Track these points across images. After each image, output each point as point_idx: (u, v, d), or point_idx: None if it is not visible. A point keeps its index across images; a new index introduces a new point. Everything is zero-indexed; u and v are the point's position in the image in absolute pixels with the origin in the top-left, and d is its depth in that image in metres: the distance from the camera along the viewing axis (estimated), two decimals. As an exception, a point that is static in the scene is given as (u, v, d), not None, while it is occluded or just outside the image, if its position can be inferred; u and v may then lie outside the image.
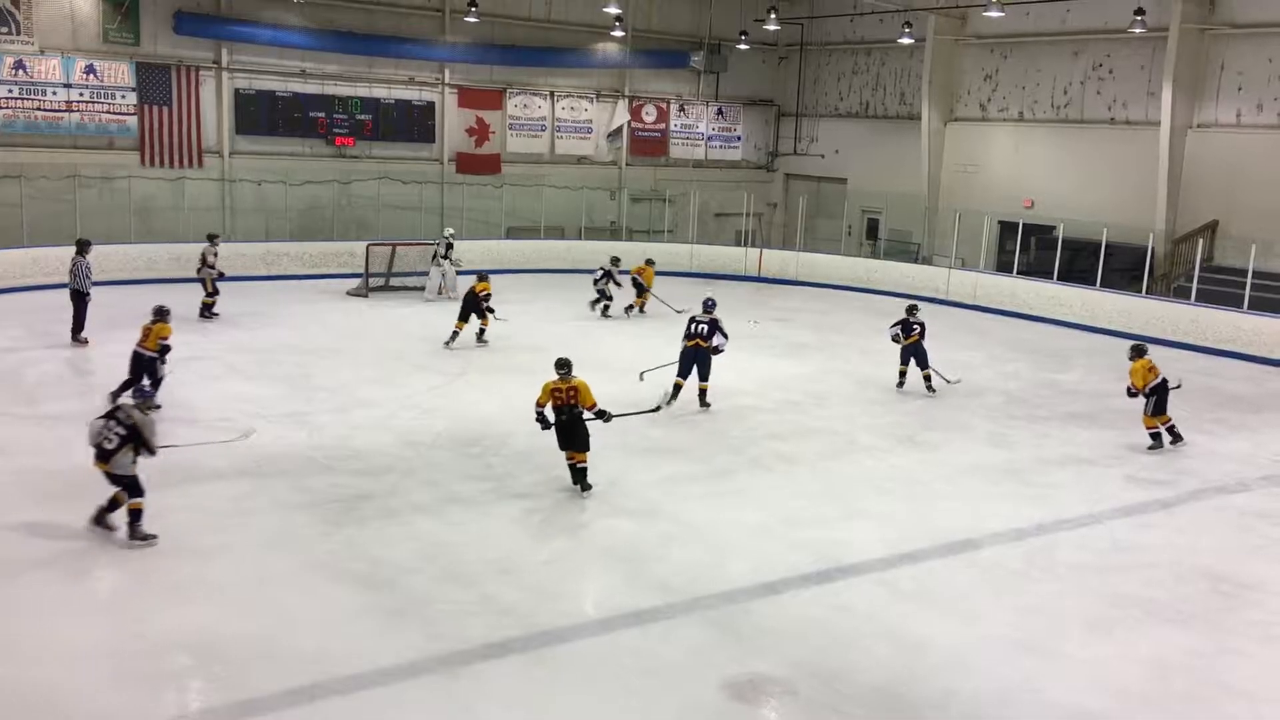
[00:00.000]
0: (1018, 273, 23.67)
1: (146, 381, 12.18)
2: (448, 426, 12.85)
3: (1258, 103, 21.63)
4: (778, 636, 7.86)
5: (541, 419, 10.68)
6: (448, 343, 17.01)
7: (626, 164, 30.11)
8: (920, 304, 16.78)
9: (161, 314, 12.97)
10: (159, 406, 11.44)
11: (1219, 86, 22.22)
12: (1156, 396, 13.10)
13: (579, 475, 10.75)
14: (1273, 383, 17.44)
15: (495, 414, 13.48)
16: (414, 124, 26.78)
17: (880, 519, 10.39)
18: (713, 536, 9.76)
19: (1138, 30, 21.81)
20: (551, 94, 28.66)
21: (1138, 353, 13.31)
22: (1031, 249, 24.32)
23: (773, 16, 25.80)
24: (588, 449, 10.78)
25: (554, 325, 19.73)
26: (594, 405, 10.69)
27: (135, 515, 8.95)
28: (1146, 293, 21.64)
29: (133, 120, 23.17)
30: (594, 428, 10.85)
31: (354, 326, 19.00)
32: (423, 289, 22.19)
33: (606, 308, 20.93)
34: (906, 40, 26.02)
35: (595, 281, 21.06)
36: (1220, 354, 19.38)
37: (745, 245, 27.90)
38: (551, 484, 10.98)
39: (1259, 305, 19.59)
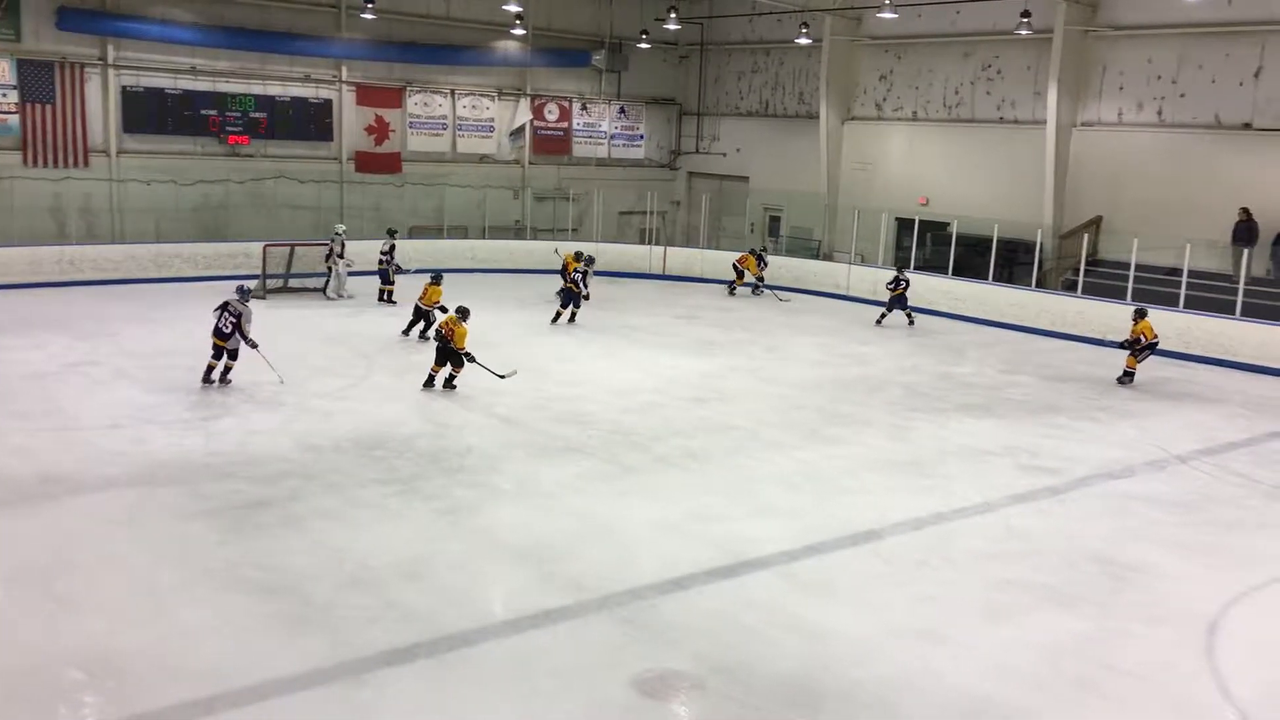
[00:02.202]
0: (915, 268, 24.20)
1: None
2: (350, 429, 12.64)
3: (1138, 102, 22.48)
4: (686, 632, 7.92)
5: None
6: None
7: (530, 163, 30.00)
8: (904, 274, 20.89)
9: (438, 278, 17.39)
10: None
11: (1101, 86, 23.04)
12: (1147, 350, 16.80)
13: (446, 380, 14.37)
14: (1156, 371, 18.12)
15: (400, 416, 13.31)
16: (311, 122, 26.28)
17: (785, 513, 10.53)
18: (621, 534, 9.79)
19: (1024, 32, 22.52)
20: (452, 92, 28.40)
21: (1140, 314, 17.07)
22: (927, 245, 24.93)
23: (673, 16, 25.96)
24: (443, 365, 14.29)
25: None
26: (462, 347, 14.12)
27: (228, 370, 14.21)
28: (1036, 286, 22.37)
29: (14, 119, 22.30)
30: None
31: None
32: (323, 290, 21.80)
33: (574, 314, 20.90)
34: (804, 41, 26.41)
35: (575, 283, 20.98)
36: (1105, 344, 20.07)
37: (650, 243, 28.01)
38: (459, 485, 10.89)
39: (1140, 297, 20.34)
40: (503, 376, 14.65)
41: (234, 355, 14.21)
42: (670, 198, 31.97)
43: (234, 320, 14.02)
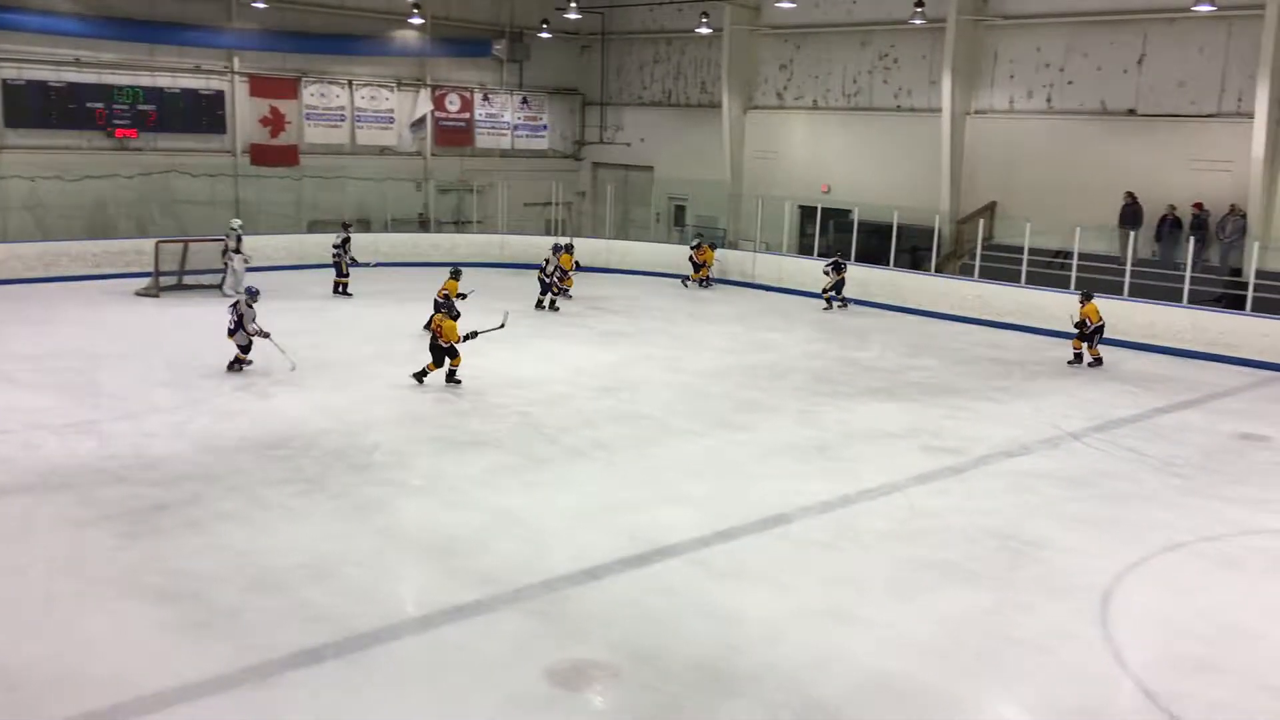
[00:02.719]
0: (818, 255, 24.55)
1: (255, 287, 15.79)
2: (252, 429, 12.35)
3: (1028, 90, 23.12)
4: (599, 621, 7.93)
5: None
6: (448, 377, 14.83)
7: (432, 154, 29.63)
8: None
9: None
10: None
11: (994, 75, 23.64)
12: (1097, 332, 17.21)
13: (448, 375, 14.53)
14: (1050, 351, 18.72)
15: (304, 414, 13.06)
16: (202, 114, 25.57)
17: (696, 500, 10.60)
18: (532, 526, 9.76)
19: (918, 22, 23.00)
20: (350, 83, 27.90)
21: (1087, 297, 17.53)
22: (830, 232, 25.32)
23: (573, 5, 25.90)
24: (440, 363, 14.44)
25: (363, 321, 19.27)
26: (448, 340, 14.28)
27: (238, 361, 14.93)
28: (936, 271, 22.89)
29: (-115, 115, 21.28)
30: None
31: (144, 328, 18.03)
32: (219, 286, 21.26)
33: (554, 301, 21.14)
34: (704, 30, 26.56)
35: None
36: (1002, 326, 20.69)
37: (556, 234, 27.90)
38: (366, 482, 10.73)
39: (1034, 280, 21.01)
40: (501, 325, 15.32)
41: (245, 350, 14.97)
42: (575, 188, 31.88)
43: (237, 319, 14.78)
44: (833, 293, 22.42)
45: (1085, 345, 17.50)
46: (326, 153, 27.51)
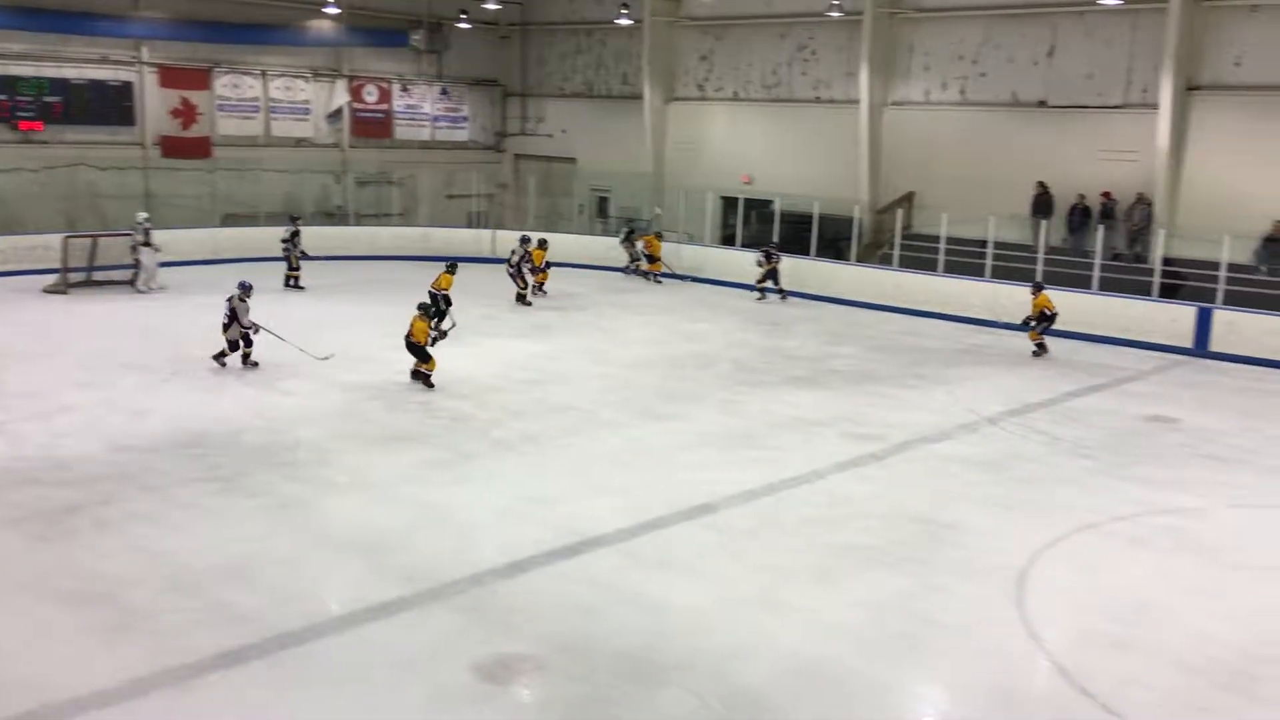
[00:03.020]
0: (740, 246, 24.72)
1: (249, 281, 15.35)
2: (166, 427, 12.07)
3: (943, 82, 23.53)
4: (526, 614, 7.92)
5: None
6: (424, 381, 14.42)
7: (350, 146, 29.18)
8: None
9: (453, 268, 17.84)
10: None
11: (910, 67, 24.01)
12: (1047, 321, 17.45)
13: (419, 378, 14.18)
14: (967, 339, 19.13)
15: (222, 412, 12.80)
16: (110, 106, 24.87)
17: (623, 491, 10.63)
18: (459, 521, 9.70)
19: (835, 14, 23.25)
20: (264, 73, 27.35)
21: (1038, 288, 17.85)
22: (752, 223, 25.49)
23: (492, -5, 25.68)
24: (423, 361, 14.12)
25: (281, 316, 18.92)
26: (420, 340, 14.00)
27: (245, 357, 14.86)
28: (856, 260, 23.21)
29: None
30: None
31: (52, 326, 17.52)
32: (130, 282, 20.72)
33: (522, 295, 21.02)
34: (624, 21, 26.55)
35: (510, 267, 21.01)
36: (920, 314, 21.07)
37: (479, 227, 27.70)
38: (288, 480, 10.56)
39: (952, 269, 21.43)
40: (451, 324, 15.46)
41: (233, 345, 14.78)
42: (497, 180, 31.64)
43: (230, 313, 14.65)
44: (768, 283, 22.47)
45: (1040, 334, 17.72)
46: (240, 145, 26.94)
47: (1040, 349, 17.80)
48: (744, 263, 23.28)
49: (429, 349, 14.28)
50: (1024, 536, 9.69)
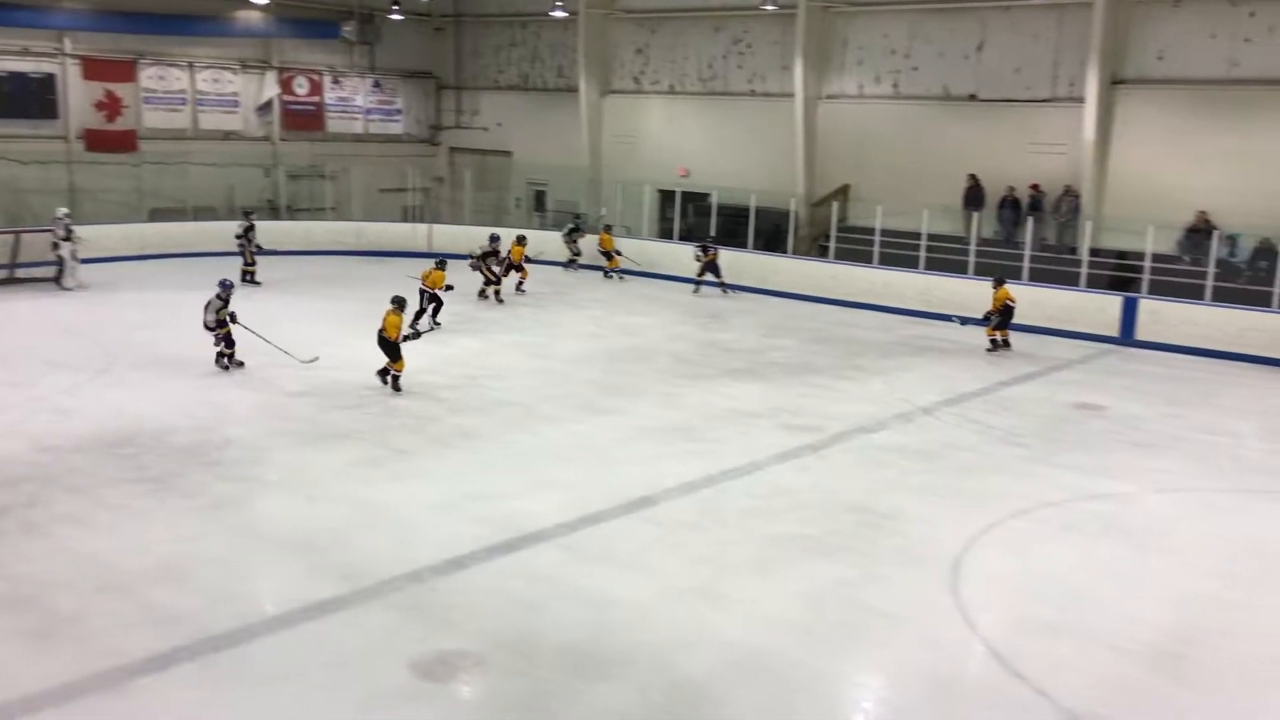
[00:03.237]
0: (678, 239, 24.75)
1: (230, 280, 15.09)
2: (93, 427, 11.77)
3: (876, 76, 23.77)
4: (466, 611, 7.86)
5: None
6: (392, 382, 13.91)
7: (280, 139, 28.73)
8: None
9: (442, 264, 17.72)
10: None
11: (843, 61, 24.21)
12: (1003, 316, 17.35)
13: (387, 377, 13.67)
14: (902, 330, 19.36)
15: (149, 411, 12.51)
16: (31, 98, 24.23)
17: (562, 486, 10.59)
18: (396, 518, 9.59)
19: (769, 8, 23.37)
20: (191, 65, 26.82)
21: (999, 283, 17.61)
22: (689, 215, 25.54)
23: (425, -14, 25.41)
24: (395, 359, 13.60)
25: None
26: (391, 335, 13.48)
27: (222, 356, 14.43)
28: (792, 253, 23.37)
29: None
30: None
31: (-27, 325, 17.00)
32: (56, 280, 20.18)
33: (484, 291, 20.72)
34: (559, 14, 26.42)
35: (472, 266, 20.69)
36: (857, 306, 21.28)
37: (414, 221, 27.41)
38: (219, 479, 10.36)
39: (886, 260, 21.67)
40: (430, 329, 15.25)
41: (225, 343, 14.41)
42: (432, 174, 31.32)
43: (206, 310, 14.39)
44: (708, 275, 22.44)
45: (996, 328, 17.62)
46: (167, 138, 26.38)
47: (995, 345, 17.66)
48: (682, 256, 23.30)
49: (400, 345, 13.78)
50: (959, 524, 9.82)
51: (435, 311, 17.73)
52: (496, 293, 20.90)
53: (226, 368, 14.48)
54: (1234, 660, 7.52)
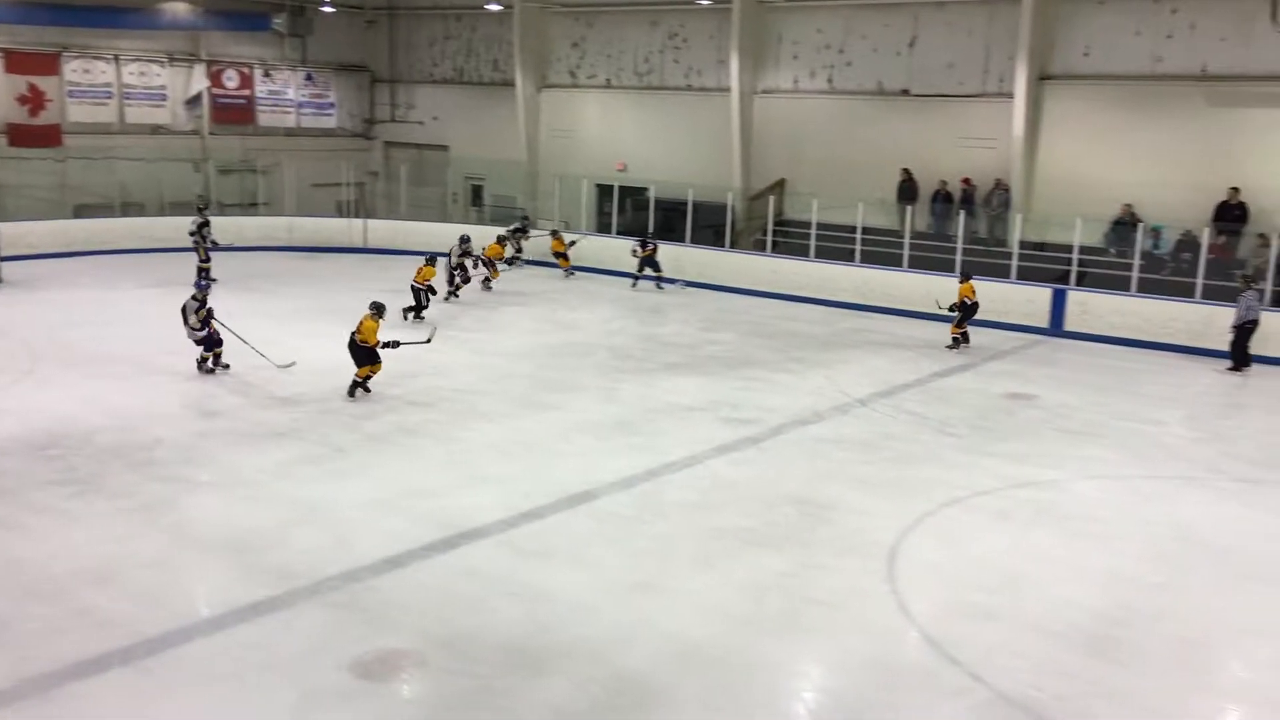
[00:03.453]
0: (616, 233, 24.75)
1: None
2: (16, 429, 11.47)
3: (811, 71, 23.96)
4: (405, 610, 7.80)
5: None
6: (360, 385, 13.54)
7: (210, 133, 28.21)
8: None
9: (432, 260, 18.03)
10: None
11: (779, 56, 24.37)
12: (965, 312, 17.27)
13: (358, 390, 13.27)
14: (840, 323, 19.56)
15: (75, 411, 12.23)
16: (-50, 92, 23.48)
17: (502, 482, 10.54)
18: (333, 518, 9.48)
19: (705, 2, 23.43)
20: (117, 58, 26.21)
21: (965, 278, 17.58)
22: (628, 210, 25.55)
23: (358, -21, 25.09)
24: (360, 366, 13.21)
25: (136, 310, 18.21)
26: (370, 342, 13.15)
27: (204, 360, 14.00)
28: (730, 247, 23.49)
29: None
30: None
31: (-110, 325, 16.48)
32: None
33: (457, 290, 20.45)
34: (494, 7, 26.24)
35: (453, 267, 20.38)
36: (794, 299, 21.45)
37: (348, 216, 27.09)
38: (149, 480, 10.16)
39: (823, 254, 21.88)
40: (428, 340, 14.33)
41: (203, 345, 14.03)
42: (367, 168, 30.93)
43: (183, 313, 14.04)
44: (647, 270, 22.41)
45: (957, 324, 17.53)
46: (93, 132, 25.75)
47: (956, 342, 17.60)
48: (621, 251, 23.30)
49: (380, 351, 13.36)
50: (895, 513, 9.96)
51: (420, 309, 18.21)
52: (486, 281, 21.10)
53: (211, 370, 14.04)
54: (1162, 641, 7.73)
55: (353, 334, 13.39)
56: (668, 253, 22.69)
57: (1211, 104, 19.25)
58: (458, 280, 20.52)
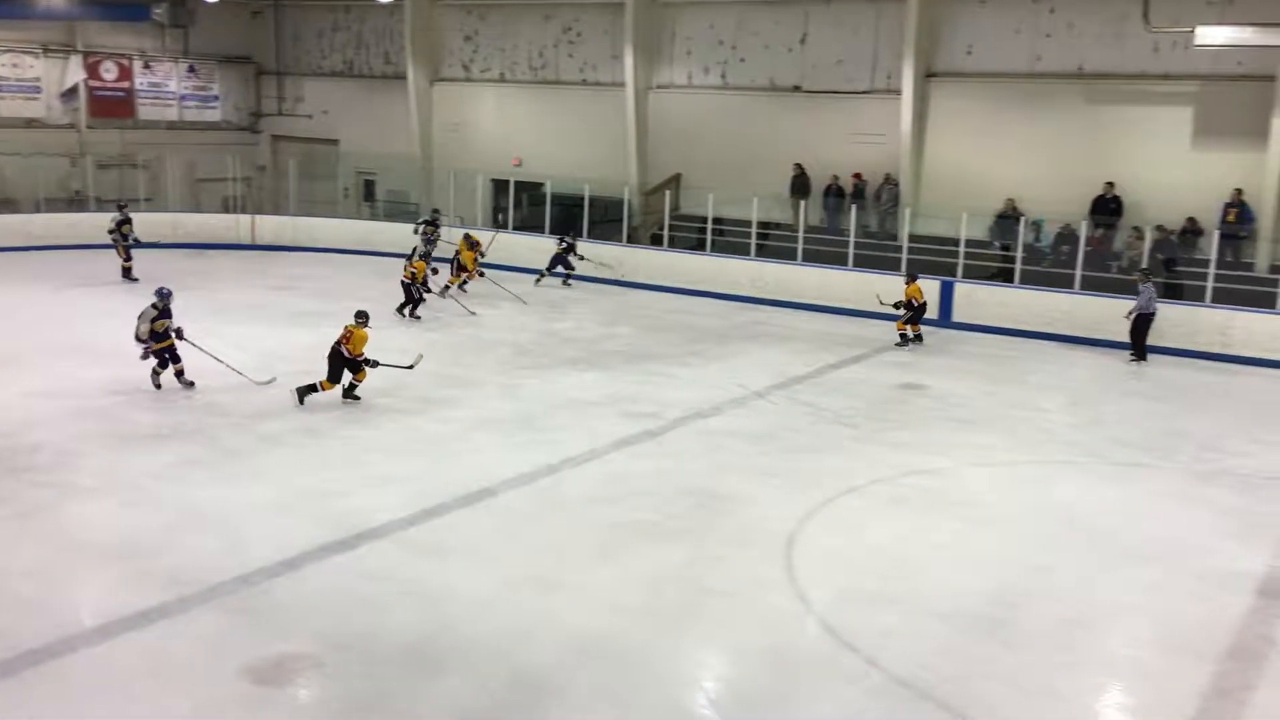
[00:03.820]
0: (514, 229, 24.60)
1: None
2: (-117, 437, 10.93)
3: (705, 66, 24.15)
4: (301, 612, 7.64)
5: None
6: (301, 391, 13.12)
7: (88, 127, 27.16)
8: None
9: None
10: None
11: (673, 51, 24.50)
12: (915, 312, 17.23)
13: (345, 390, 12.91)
14: (737, 316, 19.78)
15: (-54, 417, 11.69)
16: None
17: (401, 480, 10.40)
18: (224, 520, 9.23)
19: (598, -4, 23.41)
20: (-13, 48, 25.07)
21: (911, 278, 17.67)
22: (524, 205, 25.41)
23: (241, -33, 24.45)
24: (337, 379, 12.77)
25: (11, 308, 17.49)
26: (359, 353, 12.70)
27: (173, 374, 13.14)
28: (627, 241, 23.54)
29: None
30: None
31: None
32: None
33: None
34: (384, -1, 25.83)
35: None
36: (692, 293, 21.62)
37: (235, 212, 26.37)
38: (27, 486, 9.76)
39: (719, 248, 22.10)
40: (410, 367, 13.32)
41: (159, 358, 13.11)
42: (254, 163, 30.19)
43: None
44: (558, 268, 22.23)
45: (909, 325, 17.52)
46: (-38, 125, 24.63)
47: (904, 340, 17.56)
48: (520, 247, 23.16)
49: (364, 362, 12.85)
50: (793, 503, 10.12)
51: (415, 307, 18.19)
52: (461, 283, 20.35)
53: (159, 386, 13.13)
54: (1048, 620, 8.01)
55: (336, 343, 12.85)
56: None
57: (1088, 101, 20.00)
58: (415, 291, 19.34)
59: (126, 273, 20.40)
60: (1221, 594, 8.51)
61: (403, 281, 18.28)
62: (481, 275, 20.52)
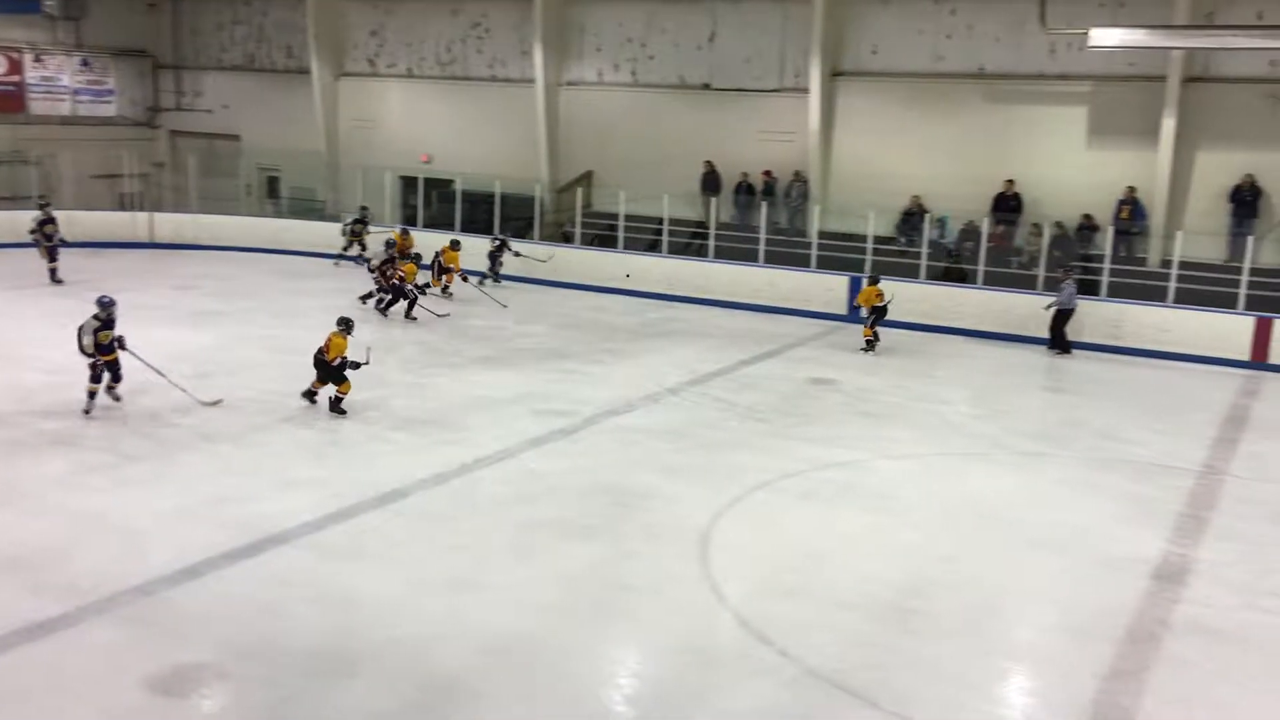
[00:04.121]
0: (423, 226, 24.28)
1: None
2: None
3: (614, 63, 24.14)
4: (204, 621, 7.43)
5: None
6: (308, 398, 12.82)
7: (-24, 122, 26.10)
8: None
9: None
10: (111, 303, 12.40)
11: (582, 48, 24.44)
12: (876, 314, 17.09)
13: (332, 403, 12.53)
14: (649, 314, 19.82)
15: None
16: None
17: (309, 484, 10.19)
18: (124, 529, 8.93)
19: (505, -8, 23.22)
20: None
21: (872, 281, 17.50)
22: (433, 202, 25.12)
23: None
24: (325, 380, 12.45)
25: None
26: (334, 357, 12.25)
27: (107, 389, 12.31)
28: (539, 239, 23.41)
29: None
30: None
31: None
32: None
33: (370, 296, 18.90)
34: (286, -9, 25.28)
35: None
36: (607, 291, 21.59)
37: (133, 209, 25.57)
38: (-91, 498, 9.33)
39: (631, 245, 22.11)
40: (364, 364, 12.58)
41: (98, 373, 12.18)
42: (152, 159, 29.29)
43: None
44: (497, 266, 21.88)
45: (871, 326, 17.22)
46: None
47: (870, 344, 17.22)
48: (425, 243, 22.85)
49: (341, 368, 12.35)
50: (706, 498, 10.17)
51: (388, 305, 18.10)
52: (445, 288, 20.15)
53: (88, 410, 12.10)
54: (956, 609, 8.17)
55: (320, 350, 12.46)
56: (477, 246, 22.34)
57: (989, 100, 20.48)
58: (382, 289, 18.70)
59: (53, 274, 19.65)
60: (1120, 579, 8.78)
61: (393, 284, 17.99)
62: (465, 279, 20.30)
